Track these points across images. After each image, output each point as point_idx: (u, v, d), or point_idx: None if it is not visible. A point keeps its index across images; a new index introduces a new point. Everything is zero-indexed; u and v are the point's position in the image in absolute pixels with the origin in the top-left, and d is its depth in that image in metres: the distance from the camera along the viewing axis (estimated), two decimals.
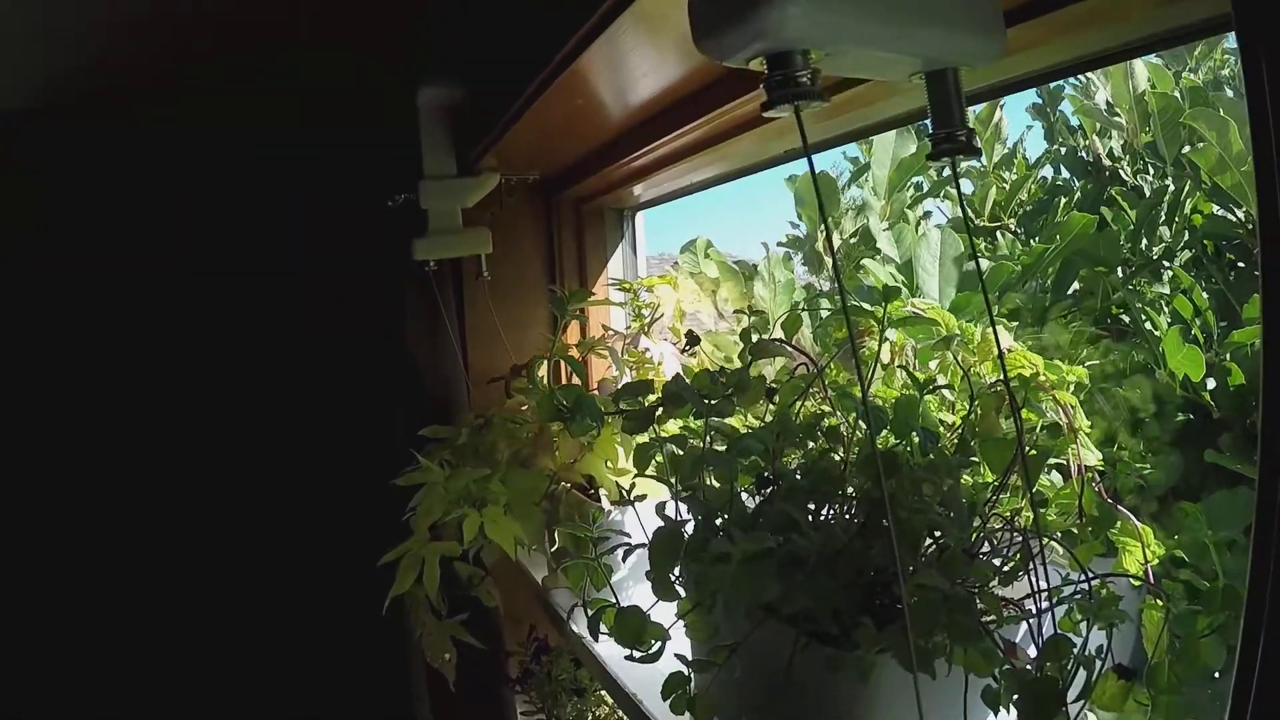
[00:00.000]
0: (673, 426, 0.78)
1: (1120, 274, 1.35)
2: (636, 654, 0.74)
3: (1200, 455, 1.00)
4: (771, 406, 0.75)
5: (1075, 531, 0.68)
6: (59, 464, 1.33)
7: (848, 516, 0.69)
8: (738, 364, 0.78)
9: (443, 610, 1.29)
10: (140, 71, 1.20)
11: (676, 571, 0.72)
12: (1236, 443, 1.06)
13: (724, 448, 0.72)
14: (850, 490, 0.70)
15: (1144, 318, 1.27)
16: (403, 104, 1.33)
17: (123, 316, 1.36)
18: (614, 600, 0.73)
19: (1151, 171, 1.69)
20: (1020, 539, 0.64)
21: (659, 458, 0.77)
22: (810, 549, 0.63)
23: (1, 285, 1.32)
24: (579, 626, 1.10)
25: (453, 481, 1.07)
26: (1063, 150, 1.83)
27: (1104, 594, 0.61)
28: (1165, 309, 1.25)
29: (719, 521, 0.68)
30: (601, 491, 1.07)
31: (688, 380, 0.73)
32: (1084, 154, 1.76)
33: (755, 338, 0.78)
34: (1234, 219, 1.47)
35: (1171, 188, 1.56)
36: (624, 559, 0.77)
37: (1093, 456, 0.72)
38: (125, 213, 1.35)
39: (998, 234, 1.57)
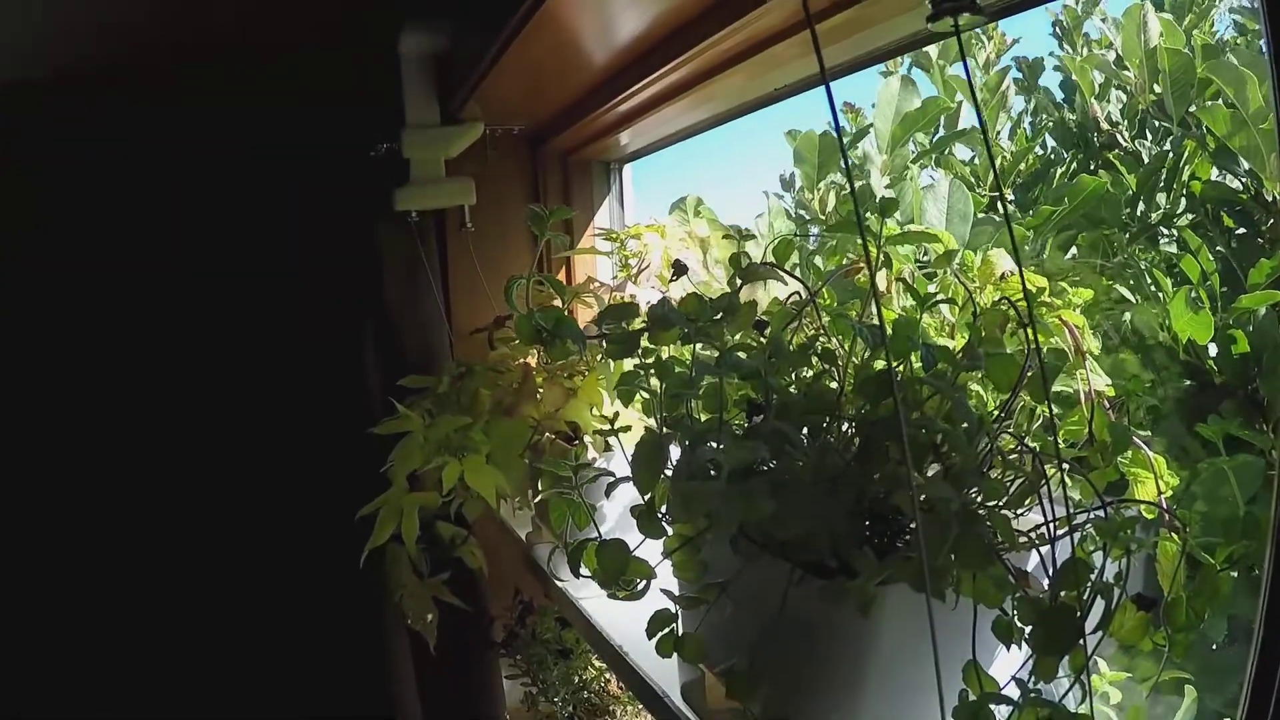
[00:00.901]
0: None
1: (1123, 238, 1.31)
2: (620, 594, 0.69)
3: (1198, 421, 0.95)
4: (763, 340, 0.70)
5: (1087, 456, 0.63)
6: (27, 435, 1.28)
7: (845, 440, 0.64)
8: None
9: (424, 570, 1.24)
10: (115, 44, 1.15)
11: (663, 509, 0.67)
12: (1240, 409, 1.02)
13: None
14: (847, 417, 0.65)
15: (1149, 280, 1.23)
16: (385, 52, 1.27)
17: (98, 269, 1.30)
18: (597, 535, 0.68)
19: (1150, 137, 1.65)
20: (1031, 459, 0.59)
21: (645, 388, 0.72)
22: (805, 470, 0.58)
23: None
24: (563, 578, 1.05)
25: (432, 430, 1.02)
26: (1049, 122, 1.81)
27: (1119, 518, 0.56)
28: (1167, 274, 1.20)
29: (708, 447, 0.62)
30: (587, 439, 1.02)
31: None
32: (1071, 125, 1.72)
33: (745, 264, 0.73)
34: (1237, 184, 1.42)
35: (1171, 153, 1.52)
36: (607, 494, 0.71)
37: (1101, 381, 0.67)
38: (91, 175, 1.28)
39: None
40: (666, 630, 0.64)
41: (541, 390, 1.06)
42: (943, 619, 0.62)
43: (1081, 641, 0.53)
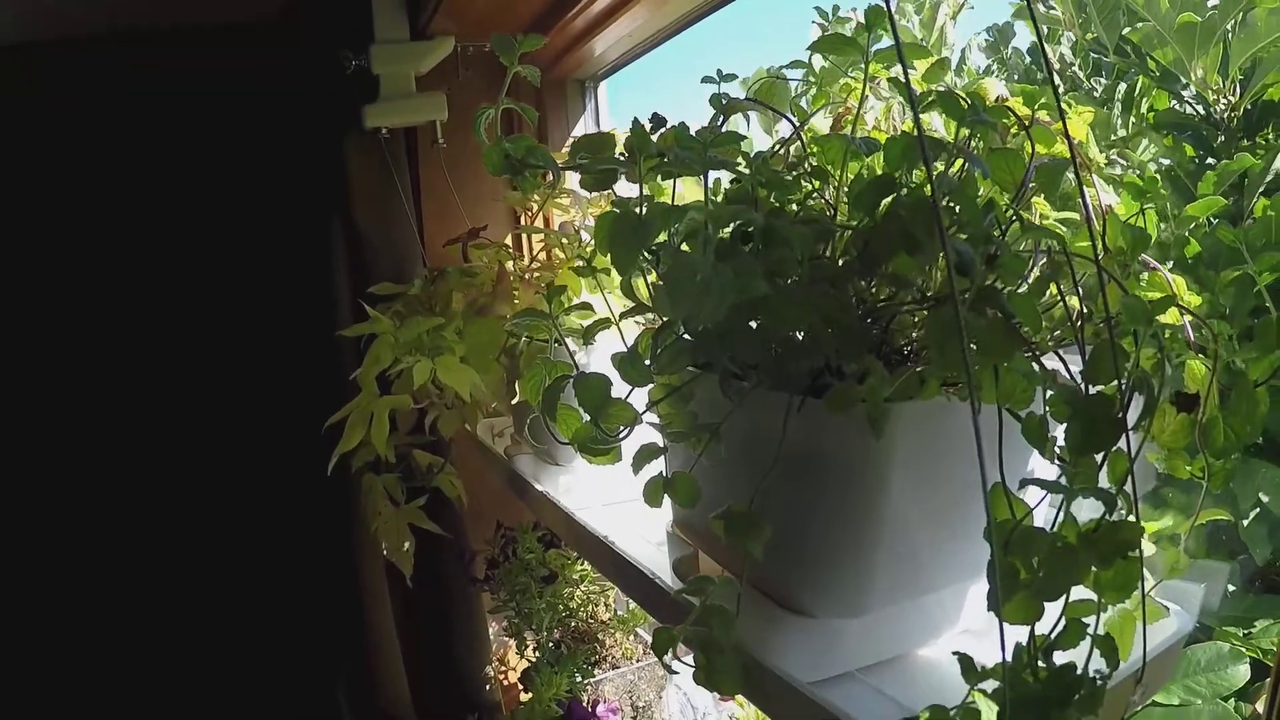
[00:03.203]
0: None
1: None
2: (599, 452, 0.61)
3: None
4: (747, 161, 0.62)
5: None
6: None
7: (842, 251, 0.56)
8: None
9: (400, 499, 1.15)
10: None
11: (647, 361, 0.59)
12: None
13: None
14: (844, 226, 0.57)
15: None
16: None
17: (57, 197, 1.20)
18: (575, 370, 0.59)
19: (1103, 73, 1.63)
20: (1045, 254, 0.51)
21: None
22: (803, 270, 0.50)
23: None
24: (542, 483, 0.97)
25: (404, 332, 0.94)
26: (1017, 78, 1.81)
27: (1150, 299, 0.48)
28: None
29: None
30: (567, 340, 0.93)
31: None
32: (1039, 81, 1.71)
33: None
34: (1190, 111, 1.39)
35: (1125, 85, 1.49)
36: (588, 338, 0.63)
37: (1111, 197, 0.60)
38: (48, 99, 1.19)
39: None
40: (654, 465, 0.55)
41: (517, 291, 0.98)
42: (962, 436, 0.54)
43: (1125, 433, 0.45)
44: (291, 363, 1.19)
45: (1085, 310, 0.51)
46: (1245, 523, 1.04)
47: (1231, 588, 1.12)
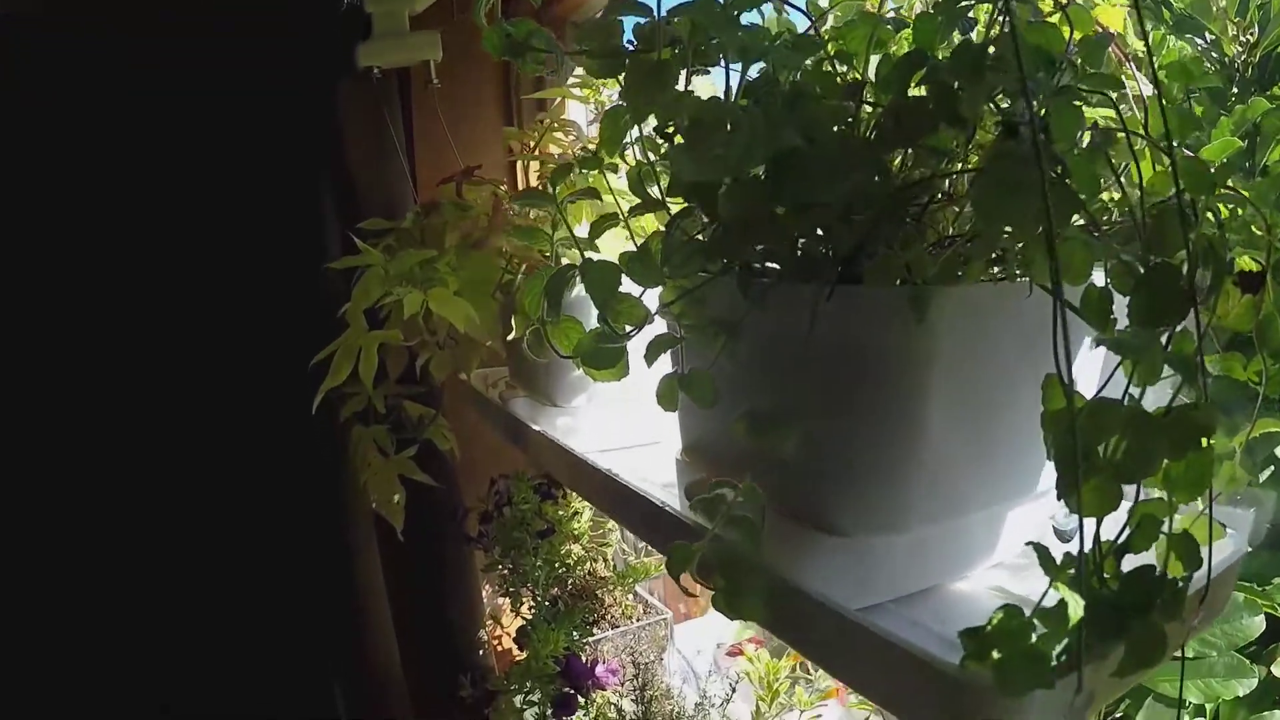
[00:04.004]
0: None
1: None
2: (603, 364, 0.55)
3: None
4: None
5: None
6: None
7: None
8: None
9: (390, 450, 1.09)
10: None
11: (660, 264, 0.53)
12: None
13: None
14: (873, 102, 0.51)
15: None
16: None
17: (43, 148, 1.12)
18: (581, 255, 0.53)
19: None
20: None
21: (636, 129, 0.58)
22: (834, 137, 0.44)
23: None
24: (539, 424, 0.91)
25: (394, 265, 0.87)
26: None
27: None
28: None
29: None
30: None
31: None
32: None
33: None
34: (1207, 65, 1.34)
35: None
36: (595, 233, 0.57)
37: (1148, 88, 0.54)
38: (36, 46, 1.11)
39: None
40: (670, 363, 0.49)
41: (515, 221, 0.91)
42: (1008, 327, 0.48)
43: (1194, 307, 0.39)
44: (278, 310, 1.13)
45: (1140, 183, 0.45)
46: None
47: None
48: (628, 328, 0.51)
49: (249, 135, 1.14)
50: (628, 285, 0.54)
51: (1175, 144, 0.49)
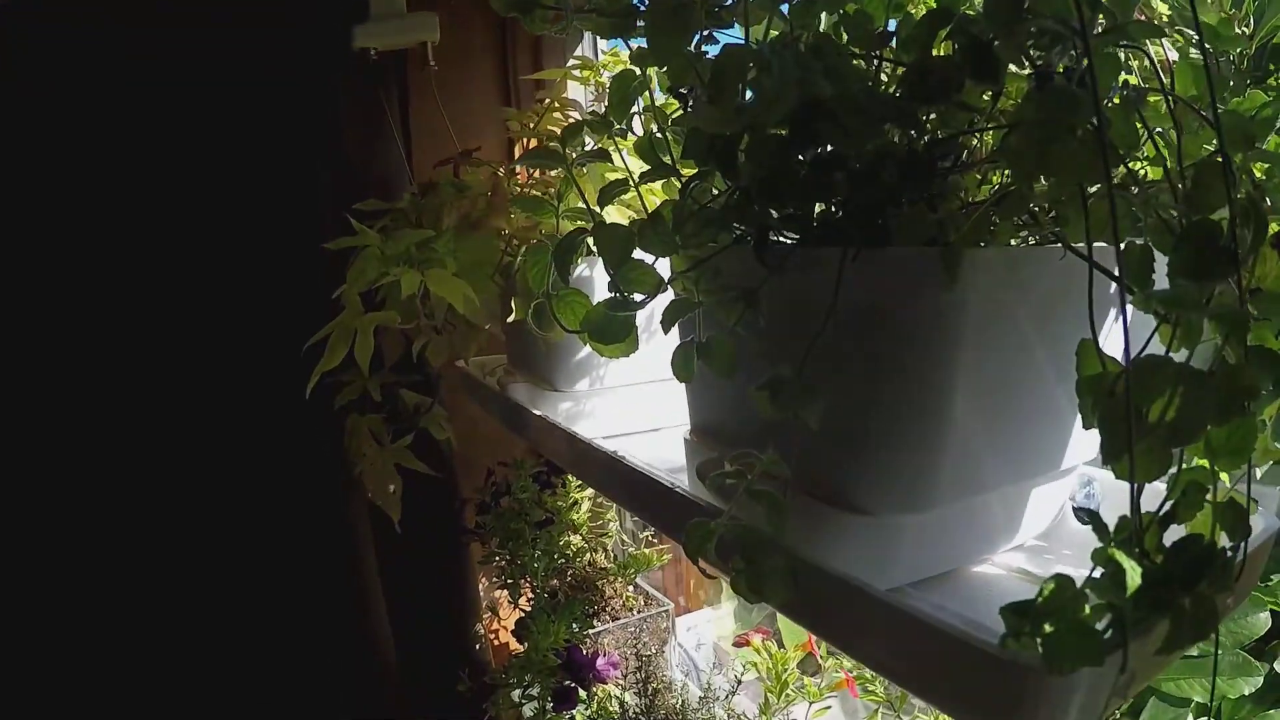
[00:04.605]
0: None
1: None
2: (614, 335, 0.53)
3: None
4: None
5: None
6: None
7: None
8: None
9: (385, 440, 1.07)
10: None
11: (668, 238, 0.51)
12: None
13: None
14: (896, 60, 0.49)
15: None
16: None
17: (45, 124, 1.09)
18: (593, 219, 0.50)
19: None
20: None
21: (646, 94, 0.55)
22: (860, 88, 0.42)
23: None
24: (540, 409, 0.88)
25: (391, 245, 0.85)
26: None
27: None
28: None
29: None
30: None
31: None
32: None
33: None
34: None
35: None
36: (603, 204, 0.55)
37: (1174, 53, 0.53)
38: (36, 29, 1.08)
39: None
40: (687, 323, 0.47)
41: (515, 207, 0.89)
42: (1040, 293, 0.46)
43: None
44: (272, 294, 1.09)
45: (1179, 139, 0.43)
46: None
47: None
48: (639, 296, 0.49)
49: (246, 126, 1.11)
50: (639, 256, 0.52)
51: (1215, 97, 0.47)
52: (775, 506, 0.43)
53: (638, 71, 0.57)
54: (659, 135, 0.55)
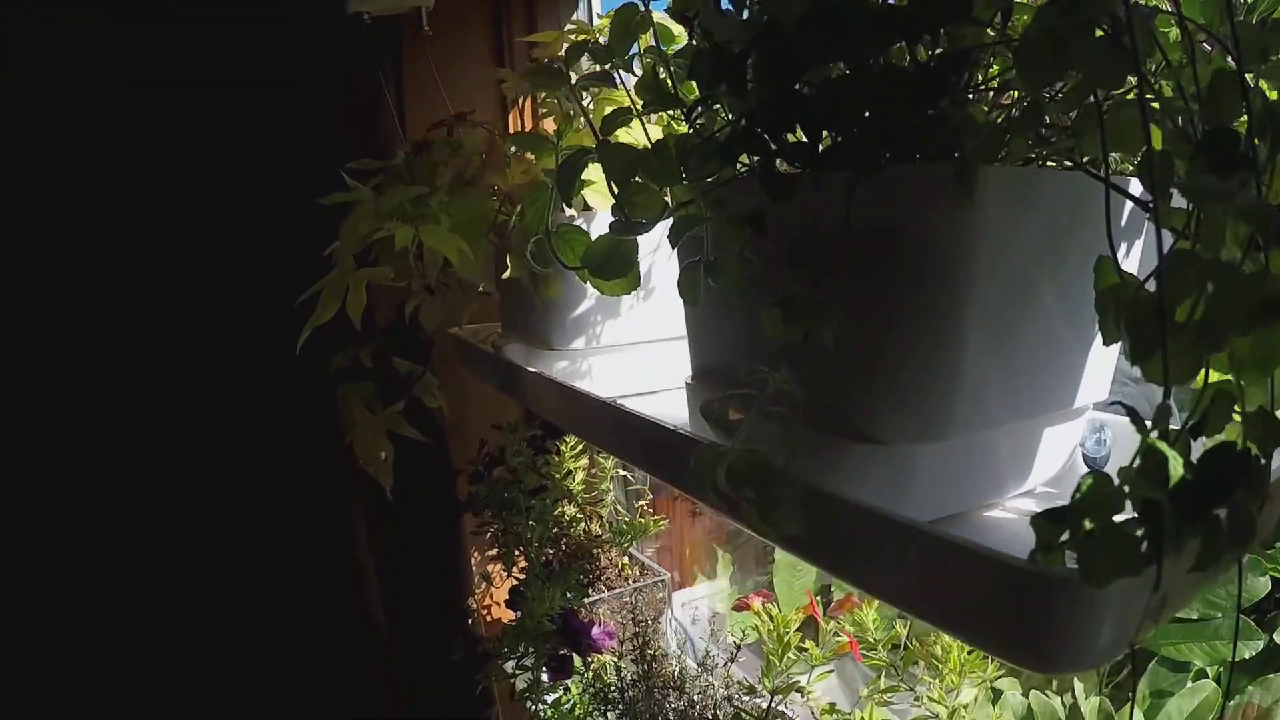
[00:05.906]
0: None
1: None
2: (617, 272, 0.51)
3: None
4: None
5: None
6: None
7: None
8: None
9: (376, 406, 1.05)
10: None
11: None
12: None
13: None
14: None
15: None
16: None
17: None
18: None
19: None
20: None
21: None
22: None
23: None
24: (535, 366, 0.87)
25: (384, 201, 0.83)
26: None
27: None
28: None
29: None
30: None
31: None
32: None
33: None
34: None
35: None
36: (606, 134, 0.53)
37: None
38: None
39: None
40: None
41: (510, 158, 0.87)
42: (1056, 212, 0.45)
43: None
44: (269, 289, 1.08)
45: (1192, 52, 0.41)
46: None
47: None
48: (644, 222, 0.47)
49: (246, 125, 1.09)
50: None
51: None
52: (787, 427, 0.41)
53: (640, 5, 0.55)
54: (662, 77, 0.54)
